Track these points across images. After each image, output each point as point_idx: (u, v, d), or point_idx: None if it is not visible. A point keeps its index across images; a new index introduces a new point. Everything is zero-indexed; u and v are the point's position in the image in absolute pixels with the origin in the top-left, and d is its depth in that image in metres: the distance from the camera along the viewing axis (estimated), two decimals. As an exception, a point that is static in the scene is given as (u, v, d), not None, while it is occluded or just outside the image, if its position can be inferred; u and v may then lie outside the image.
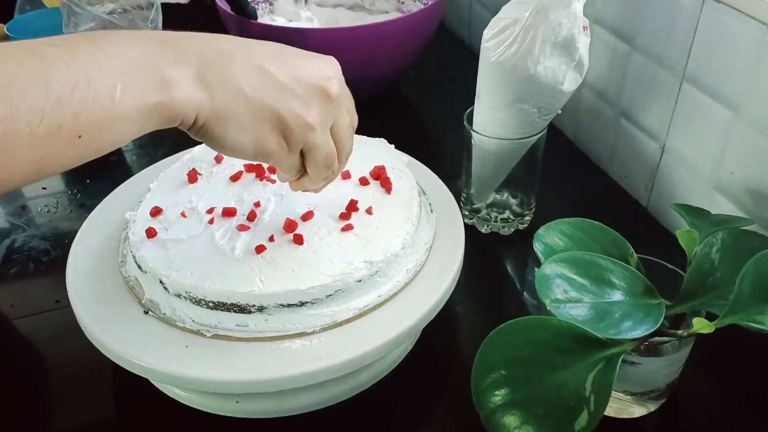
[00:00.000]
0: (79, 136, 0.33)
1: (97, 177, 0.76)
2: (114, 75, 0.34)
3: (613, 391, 0.48)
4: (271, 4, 0.91)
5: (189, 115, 0.38)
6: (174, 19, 1.08)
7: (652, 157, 0.69)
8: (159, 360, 0.46)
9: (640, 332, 0.42)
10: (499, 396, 0.42)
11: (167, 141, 0.65)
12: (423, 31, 0.82)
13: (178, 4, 1.13)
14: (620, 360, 0.41)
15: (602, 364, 0.41)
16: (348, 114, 0.46)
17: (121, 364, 0.47)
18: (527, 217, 0.70)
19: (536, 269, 0.46)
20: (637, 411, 0.50)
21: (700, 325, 0.40)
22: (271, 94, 0.40)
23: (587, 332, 0.41)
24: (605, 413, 0.49)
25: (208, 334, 0.47)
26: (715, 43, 0.58)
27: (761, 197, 0.56)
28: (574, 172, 0.79)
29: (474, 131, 0.63)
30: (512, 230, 0.69)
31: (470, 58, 0.63)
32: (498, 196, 0.70)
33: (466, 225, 0.65)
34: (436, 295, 0.50)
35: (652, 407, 0.50)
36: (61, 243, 0.68)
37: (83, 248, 0.55)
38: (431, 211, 0.58)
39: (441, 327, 0.58)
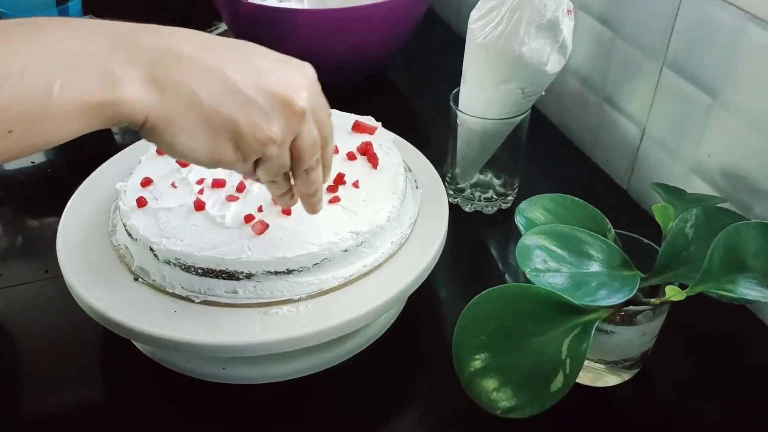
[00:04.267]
0: (9, 131, 0.31)
1: (85, 152, 0.77)
2: (54, 68, 0.32)
3: (588, 361, 0.50)
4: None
5: (136, 117, 0.35)
6: (168, 6, 1.08)
7: (632, 141, 0.71)
8: (148, 324, 0.47)
9: (615, 300, 0.43)
10: (479, 361, 0.44)
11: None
12: (413, 14, 0.83)
13: None
14: (595, 326, 0.42)
15: (578, 329, 0.42)
16: (318, 127, 0.41)
17: (111, 329, 0.48)
18: (510, 197, 0.71)
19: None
20: (612, 380, 0.51)
21: (672, 293, 0.42)
22: (230, 102, 0.36)
23: (565, 299, 0.42)
24: (581, 382, 0.51)
25: (197, 300, 0.49)
26: (695, 29, 0.60)
27: (735, 179, 0.58)
28: (557, 155, 0.81)
29: (460, 111, 0.65)
30: (495, 209, 0.71)
31: (458, 44, 0.64)
32: (482, 177, 0.71)
33: (450, 204, 0.67)
34: (420, 267, 0.52)
35: (626, 376, 0.51)
36: (50, 215, 0.69)
37: (73, 219, 0.56)
38: (416, 187, 0.59)
39: (425, 302, 0.60)
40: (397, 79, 0.98)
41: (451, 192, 0.71)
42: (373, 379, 0.54)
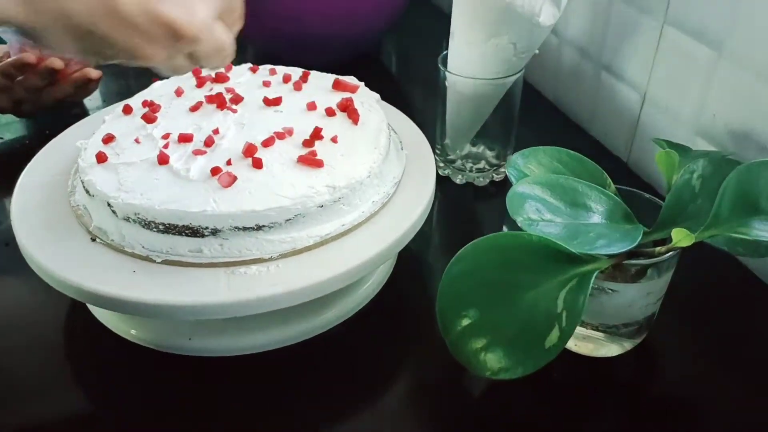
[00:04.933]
0: None
1: (58, 130, 0.73)
2: None
3: (587, 328, 0.46)
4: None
5: (4, 20, 0.34)
6: None
7: (632, 108, 0.67)
8: (103, 284, 0.42)
9: (615, 249, 0.39)
10: (466, 319, 0.40)
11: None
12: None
13: None
14: (594, 277, 0.38)
15: (575, 281, 0.38)
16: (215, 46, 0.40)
17: (64, 291, 0.44)
18: (503, 169, 0.67)
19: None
20: (613, 349, 0.47)
21: (679, 237, 0.38)
22: (107, 25, 0.35)
23: (561, 247, 0.38)
24: (580, 352, 0.47)
25: (159, 260, 0.44)
26: (697, -21, 0.56)
27: (742, 136, 0.54)
28: (554, 132, 0.77)
29: (448, 72, 0.61)
30: (488, 181, 0.67)
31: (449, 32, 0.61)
32: (474, 149, 0.67)
33: (440, 176, 0.63)
34: (404, 226, 0.48)
35: (628, 345, 0.47)
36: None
37: (31, 180, 0.52)
38: (401, 149, 0.55)
39: (412, 276, 0.56)
40: (387, 61, 0.95)
41: (441, 164, 0.67)
42: (354, 353, 0.49)
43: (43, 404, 0.46)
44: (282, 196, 0.44)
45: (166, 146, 0.48)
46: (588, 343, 0.47)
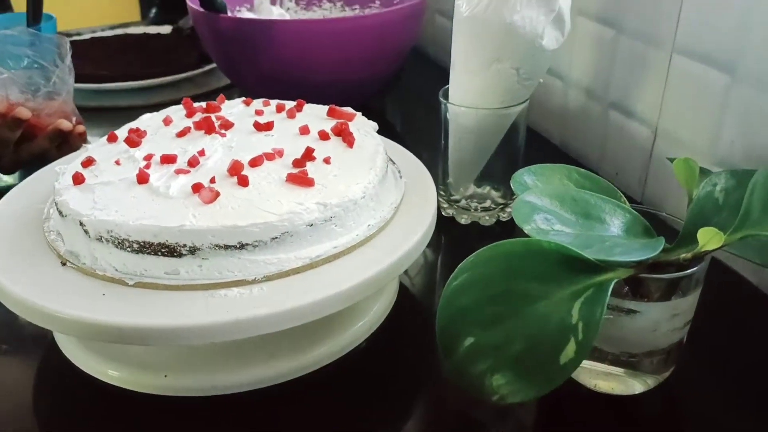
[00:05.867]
0: None
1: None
2: None
3: (606, 363, 0.41)
4: (249, 8, 0.88)
5: None
6: (156, 46, 1.06)
7: (644, 145, 0.64)
8: (68, 307, 0.38)
9: (635, 257, 0.35)
10: (468, 338, 0.35)
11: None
12: (402, 30, 0.79)
13: (159, 34, 1.12)
14: (612, 286, 0.34)
15: (591, 291, 0.34)
16: None
17: (25, 316, 0.40)
18: (509, 209, 0.64)
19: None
20: (635, 387, 0.42)
21: (708, 237, 0.34)
22: None
23: (574, 254, 0.34)
24: (597, 389, 0.42)
25: (131, 282, 0.40)
26: (703, 3, 0.54)
27: (764, 161, 0.51)
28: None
29: (450, 103, 0.58)
30: (494, 220, 0.63)
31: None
32: (479, 190, 0.64)
33: (443, 217, 0.60)
34: (402, 250, 0.44)
35: (652, 383, 0.42)
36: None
37: (6, 209, 0.49)
38: (400, 177, 0.52)
39: (411, 317, 0.51)
40: (386, 111, 0.93)
41: (444, 204, 0.64)
42: (350, 394, 0.44)
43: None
44: (268, 212, 0.41)
45: (147, 166, 0.45)
46: (609, 382, 0.42)
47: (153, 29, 1.15)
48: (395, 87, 0.97)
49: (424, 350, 0.48)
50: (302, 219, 0.41)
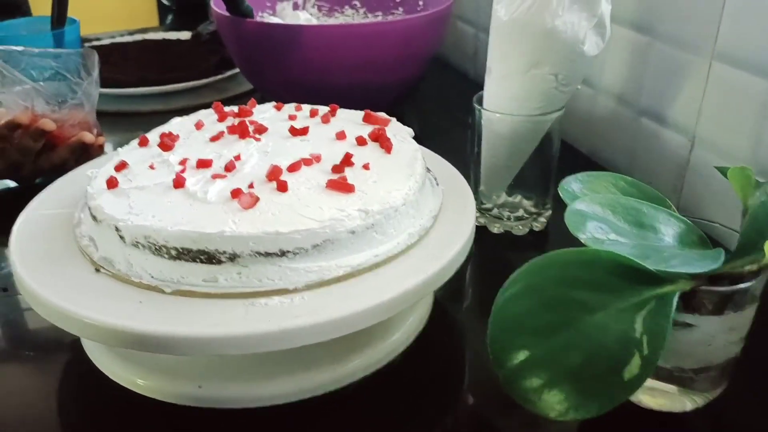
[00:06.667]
0: None
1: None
2: None
3: (656, 379, 0.39)
4: (272, 12, 0.88)
5: None
6: (176, 52, 1.05)
7: (680, 153, 0.63)
8: (103, 314, 0.37)
9: (698, 268, 0.33)
10: (522, 352, 0.34)
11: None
12: (428, 35, 0.78)
13: (179, 40, 1.11)
14: (676, 298, 0.32)
15: (654, 302, 0.32)
16: None
17: (57, 323, 0.39)
18: (543, 219, 0.63)
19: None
20: (685, 404, 0.40)
21: (776, 249, 0.32)
22: None
23: (633, 264, 0.33)
24: (647, 406, 0.40)
25: (168, 290, 0.39)
26: (746, 7, 0.53)
27: (813, 170, 0.50)
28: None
29: (485, 110, 0.57)
30: (527, 230, 0.62)
31: (476, 92, 0.59)
32: (510, 199, 0.63)
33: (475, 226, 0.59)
34: (444, 259, 0.42)
35: (701, 401, 0.40)
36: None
37: (35, 214, 0.48)
38: (437, 185, 0.51)
39: (446, 329, 0.50)
40: (410, 120, 0.92)
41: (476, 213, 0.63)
42: (388, 406, 0.43)
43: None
44: (309, 219, 0.40)
45: (182, 171, 0.44)
46: (656, 398, 0.40)
47: (172, 35, 1.15)
48: (412, 94, 0.96)
49: (459, 362, 0.47)
50: (344, 226, 0.40)
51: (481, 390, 0.44)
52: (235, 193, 0.41)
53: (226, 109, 0.55)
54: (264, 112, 0.55)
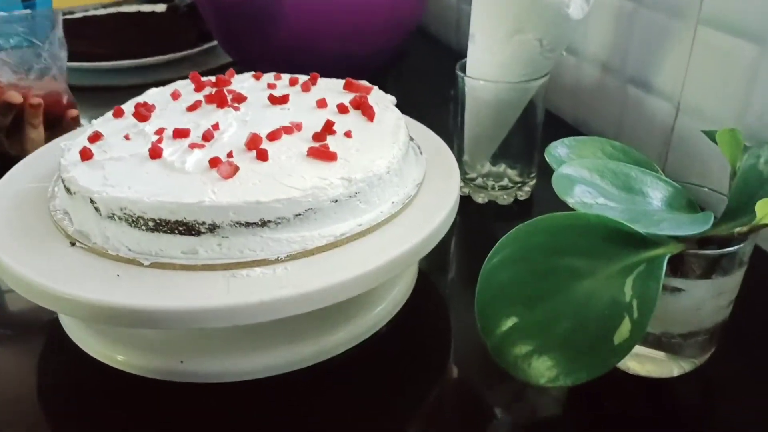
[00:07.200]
0: None
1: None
2: None
3: (646, 345, 0.39)
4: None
5: None
6: (151, 25, 1.03)
7: (665, 120, 0.62)
8: (81, 290, 0.36)
9: (687, 231, 0.33)
10: (510, 317, 0.33)
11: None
12: (410, 2, 0.76)
13: (154, 12, 1.09)
14: (666, 261, 0.32)
15: (643, 266, 0.32)
16: None
17: (33, 299, 0.38)
18: (527, 188, 0.62)
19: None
20: (672, 370, 0.40)
21: (766, 210, 0.32)
22: None
23: (623, 227, 0.32)
24: (634, 371, 0.40)
25: (147, 263, 0.38)
26: (734, -29, 0.52)
27: (799, 134, 0.49)
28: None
29: (468, 77, 0.56)
30: (512, 199, 0.61)
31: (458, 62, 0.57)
32: (494, 168, 0.62)
33: (459, 196, 0.58)
34: (429, 228, 0.42)
35: (687, 367, 0.40)
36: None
37: (7, 190, 0.46)
38: (421, 153, 0.50)
39: (430, 299, 0.50)
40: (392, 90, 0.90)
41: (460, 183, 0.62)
42: (373, 378, 0.42)
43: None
44: (291, 187, 0.39)
45: (159, 141, 0.43)
46: (644, 364, 0.40)
47: (147, 7, 1.12)
48: (395, 65, 0.94)
49: (445, 332, 0.47)
50: (327, 194, 0.39)
51: (467, 359, 0.44)
52: (214, 163, 0.40)
53: (204, 79, 0.53)
54: (243, 82, 0.54)
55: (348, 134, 0.44)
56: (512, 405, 0.40)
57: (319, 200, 0.39)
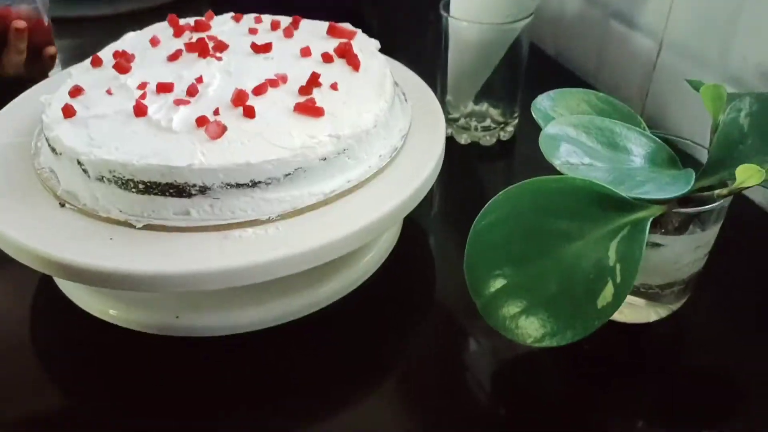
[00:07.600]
0: None
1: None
2: None
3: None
4: None
5: None
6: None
7: (647, 57, 0.62)
8: (76, 254, 0.36)
9: (669, 193, 0.34)
10: (499, 278, 0.34)
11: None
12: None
13: None
14: (648, 225, 0.33)
15: (627, 229, 0.33)
16: None
17: (28, 263, 0.38)
18: (510, 128, 0.62)
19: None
20: (649, 315, 0.42)
21: (747, 175, 0.33)
22: None
23: (608, 191, 0.33)
24: (615, 319, 0.42)
25: (139, 225, 0.38)
26: None
27: (780, 78, 0.50)
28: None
29: (452, 18, 0.55)
30: (494, 140, 0.62)
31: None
32: (477, 107, 0.62)
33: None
34: (416, 182, 0.42)
35: (664, 312, 0.42)
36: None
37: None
38: (406, 101, 0.49)
39: (417, 245, 0.51)
40: (371, 25, 0.89)
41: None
42: (362, 329, 0.44)
43: (14, 404, 0.40)
44: (280, 147, 0.39)
45: (142, 96, 0.42)
46: (623, 310, 0.42)
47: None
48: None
49: (430, 274, 0.48)
50: (315, 153, 0.39)
51: (452, 298, 0.45)
52: (201, 122, 0.40)
53: (182, 22, 0.52)
54: (222, 25, 0.52)
55: (334, 86, 0.44)
56: (493, 342, 0.42)
57: (308, 159, 0.39)
